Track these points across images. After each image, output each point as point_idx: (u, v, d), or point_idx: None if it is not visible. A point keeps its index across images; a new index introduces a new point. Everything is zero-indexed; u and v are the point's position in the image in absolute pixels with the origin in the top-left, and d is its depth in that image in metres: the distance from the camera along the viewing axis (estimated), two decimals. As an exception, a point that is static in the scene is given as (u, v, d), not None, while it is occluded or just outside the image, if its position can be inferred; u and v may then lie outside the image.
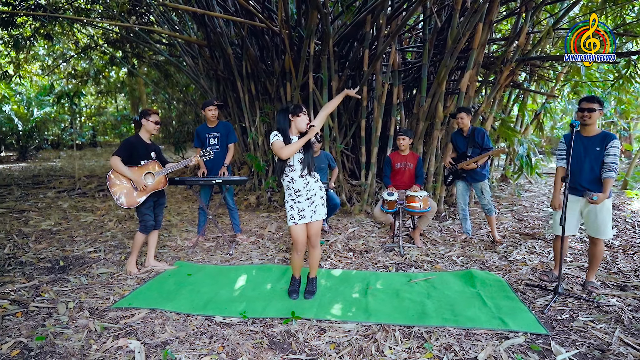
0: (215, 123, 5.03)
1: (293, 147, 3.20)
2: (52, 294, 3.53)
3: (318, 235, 3.45)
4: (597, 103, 3.44)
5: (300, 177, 3.31)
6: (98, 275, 4.02)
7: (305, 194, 3.32)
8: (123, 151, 3.89)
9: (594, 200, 3.33)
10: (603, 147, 3.40)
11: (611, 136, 3.39)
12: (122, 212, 6.71)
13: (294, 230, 3.35)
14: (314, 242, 3.45)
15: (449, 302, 3.38)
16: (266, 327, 3.00)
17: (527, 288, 3.68)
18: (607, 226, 3.46)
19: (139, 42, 10.23)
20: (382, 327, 2.96)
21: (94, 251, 4.75)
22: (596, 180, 3.46)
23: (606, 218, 3.45)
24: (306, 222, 3.35)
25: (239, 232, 5.26)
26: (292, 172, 3.32)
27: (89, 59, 13.27)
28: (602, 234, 3.48)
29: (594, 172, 3.47)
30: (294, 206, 3.33)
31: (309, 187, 3.33)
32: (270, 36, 7.46)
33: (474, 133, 4.83)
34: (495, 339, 2.79)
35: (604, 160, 3.40)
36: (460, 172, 4.98)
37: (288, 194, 3.38)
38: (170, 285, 3.77)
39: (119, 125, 26.50)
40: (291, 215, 3.34)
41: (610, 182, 3.35)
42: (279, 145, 3.24)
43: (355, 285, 3.77)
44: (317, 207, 3.34)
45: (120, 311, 3.23)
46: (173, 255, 4.67)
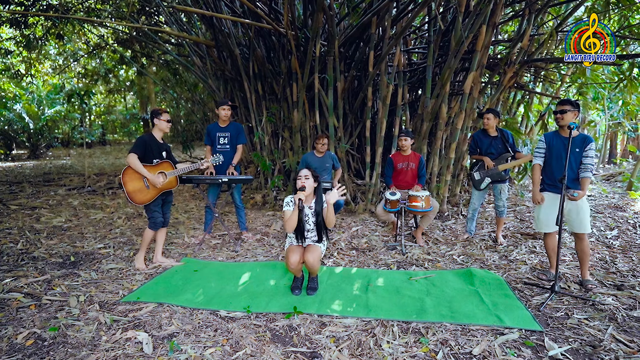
0: (227, 123, 5.14)
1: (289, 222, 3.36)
2: (63, 288, 3.67)
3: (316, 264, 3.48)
4: (569, 105, 3.65)
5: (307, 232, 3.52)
6: (107, 270, 4.16)
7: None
8: (139, 149, 4.01)
9: (574, 197, 3.57)
10: (582, 149, 3.62)
11: (589, 139, 3.62)
12: (131, 210, 6.87)
13: (287, 252, 3.46)
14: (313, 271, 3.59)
15: (447, 299, 3.47)
16: (269, 322, 3.11)
17: (525, 286, 3.76)
18: (588, 220, 3.67)
19: (148, 41, 10.39)
20: (381, 323, 3.06)
21: (103, 247, 4.89)
22: (575, 179, 3.67)
23: (586, 213, 3.66)
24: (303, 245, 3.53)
25: (244, 230, 5.38)
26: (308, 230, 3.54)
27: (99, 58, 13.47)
28: (584, 228, 3.66)
29: (572, 172, 3.66)
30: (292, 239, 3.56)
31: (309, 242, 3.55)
32: (277, 37, 7.57)
33: (502, 134, 4.87)
34: (490, 335, 2.87)
35: (582, 160, 3.61)
36: (504, 173, 4.83)
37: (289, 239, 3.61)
38: (177, 280, 3.89)
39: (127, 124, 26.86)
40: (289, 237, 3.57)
41: (588, 181, 3.61)
42: (285, 218, 3.42)
43: (356, 282, 3.86)
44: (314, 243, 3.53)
45: (129, 305, 3.36)
46: (180, 252, 4.80)
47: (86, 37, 14.76)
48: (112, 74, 14.47)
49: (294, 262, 3.37)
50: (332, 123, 6.73)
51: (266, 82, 7.97)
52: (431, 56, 6.30)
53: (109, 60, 14.37)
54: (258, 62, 7.48)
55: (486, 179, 4.96)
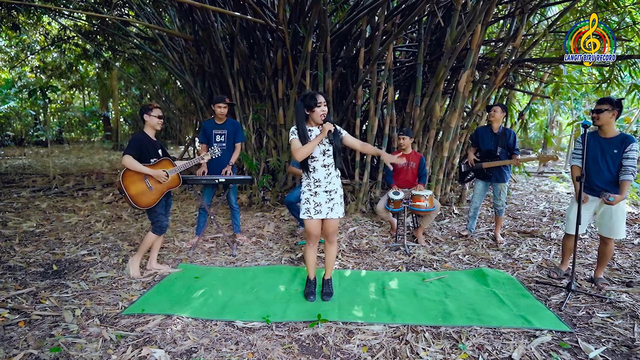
0: (224, 120, 4.87)
1: (305, 149, 3.10)
2: (53, 301, 3.30)
3: (335, 233, 3.38)
4: (608, 104, 3.49)
5: (323, 167, 3.22)
6: (98, 279, 3.80)
7: (325, 186, 3.23)
8: (133, 149, 3.68)
9: (610, 202, 3.40)
10: (621, 150, 3.46)
11: (630, 139, 3.44)
12: (109, 213, 6.42)
13: (308, 224, 3.27)
14: (331, 239, 3.38)
15: (468, 301, 3.39)
16: (291, 331, 2.90)
17: (538, 285, 3.74)
18: (620, 226, 3.54)
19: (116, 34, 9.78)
20: (409, 328, 2.93)
21: (87, 254, 4.50)
22: (613, 181, 3.52)
23: (620, 219, 3.53)
24: (321, 217, 3.27)
25: (238, 233, 5.12)
26: (313, 162, 3.23)
27: (62, 51, 12.62)
28: (615, 234, 3.56)
29: (610, 174, 3.52)
30: (310, 199, 3.24)
31: (329, 179, 3.24)
32: (261, 32, 7.31)
33: (505, 133, 4.83)
34: (523, 338, 2.80)
35: (621, 162, 3.46)
36: (486, 171, 4.89)
37: (306, 183, 3.28)
38: (179, 289, 3.61)
39: (87, 122, 25.48)
40: (306, 209, 3.25)
41: (627, 185, 3.43)
42: (294, 146, 3.16)
43: (369, 286, 3.72)
44: (335, 205, 3.26)
45: (133, 318, 3.06)
46: (174, 257, 4.49)
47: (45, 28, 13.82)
48: (73, 68, 13.57)
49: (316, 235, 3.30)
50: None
51: (249, 78, 7.69)
52: (421, 54, 6.26)
53: (71, 53, 13.48)
54: (241, 58, 7.19)
55: (470, 174, 5.12)
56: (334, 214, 3.27)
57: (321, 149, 3.20)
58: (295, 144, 3.17)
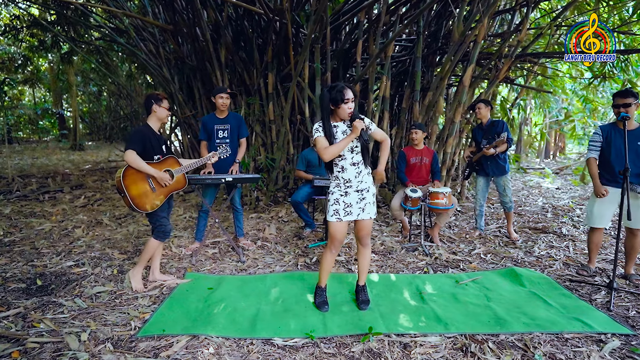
0: (226, 113, 4.44)
1: (334, 149, 2.82)
2: (48, 323, 2.79)
3: (369, 235, 3.08)
4: (632, 97, 3.40)
5: (352, 166, 2.91)
6: (96, 295, 3.30)
7: (356, 186, 2.93)
8: (137, 144, 3.21)
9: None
10: None
11: None
12: (86, 217, 5.79)
13: (334, 227, 2.94)
14: (365, 242, 3.08)
15: (514, 304, 3.18)
16: (341, 348, 2.57)
17: (574, 284, 3.60)
18: None
19: (80, 22, 8.96)
20: (468, 338, 2.67)
21: (75, 265, 3.95)
22: (637, 174, 3.45)
23: None
24: (352, 219, 2.96)
25: (242, 237, 4.70)
26: (341, 160, 2.92)
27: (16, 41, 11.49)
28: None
29: (635, 166, 3.45)
30: (340, 200, 2.92)
31: (360, 178, 2.93)
32: (250, 22, 6.88)
33: (493, 124, 4.70)
34: (590, 344, 2.61)
35: None
36: (476, 165, 4.84)
37: (335, 184, 2.97)
38: (194, 302, 3.18)
39: (38, 120, 23.71)
40: (335, 211, 2.92)
41: None
42: (320, 145, 2.86)
43: (403, 291, 3.44)
44: (367, 205, 2.96)
45: (152, 340, 2.61)
46: (176, 265, 4.02)
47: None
48: (29, 61, 12.46)
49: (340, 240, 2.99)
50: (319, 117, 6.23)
51: (236, 72, 7.23)
52: (420, 48, 6.07)
53: (25, 45, 12.35)
54: (228, 49, 6.72)
55: (467, 170, 5.07)
56: (365, 214, 2.97)
57: (348, 146, 2.90)
58: (321, 143, 2.86)
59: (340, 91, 2.81)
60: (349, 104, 2.83)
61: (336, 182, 2.97)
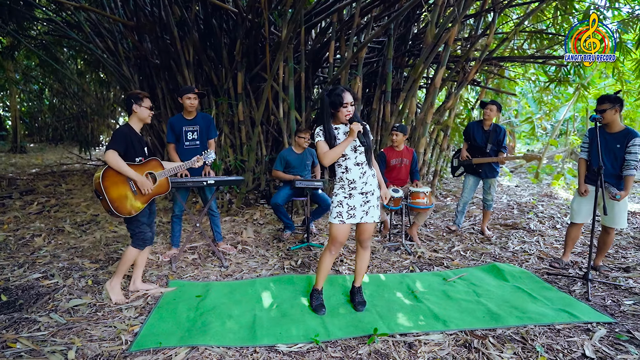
0: (194, 114, 4.26)
1: (333, 153, 2.82)
2: (26, 343, 2.55)
3: (370, 238, 3.08)
4: (607, 102, 3.57)
5: (356, 166, 2.90)
6: (73, 309, 3.06)
7: (361, 188, 2.91)
8: (119, 144, 3.01)
9: (616, 199, 3.53)
10: (624, 145, 3.56)
11: (633, 134, 3.54)
12: (44, 225, 5.37)
13: (336, 229, 2.92)
14: (365, 245, 3.07)
15: (502, 299, 3.29)
16: (347, 351, 2.54)
17: (551, 277, 3.79)
18: (622, 217, 3.69)
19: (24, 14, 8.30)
20: (468, 334, 2.73)
21: (43, 277, 3.64)
22: (615, 175, 3.65)
23: (622, 209, 3.68)
24: (355, 222, 2.95)
25: (220, 241, 4.55)
26: (345, 160, 2.91)
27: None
28: (617, 224, 3.72)
29: (613, 168, 3.64)
30: (344, 202, 2.90)
31: (365, 179, 2.92)
32: (218, 21, 6.69)
33: (495, 129, 4.84)
34: (580, 333, 2.75)
35: (625, 157, 3.57)
36: (476, 167, 4.92)
37: (340, 185, 2.95)
38: (185, 312, 3.03)
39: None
40: (338, 213, 2.90)
41: (631, 180, 3.56)
42: (320, 149, 2.85)
43: (395, 290, 3.47)
44: (370, 209, 2.95)
45: (148, 354, 2.46)
46: (157, 273, 3.82)
47: None
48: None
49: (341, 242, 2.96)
50: (295, 116, 6.17)
51: (203, 71, 7.01)
52: (391, 50, 6.17)
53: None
54: (195, 47, 6.49)
55: (460, 168, 5.16)
56: (369, 217, 2.96)
57: (351, 146, 2.88)
58: (321, 147, 2.85)
59: (339, 95, 2.80)
60: (348, 108, 2.82)
61: (340, 184, 2.94)
